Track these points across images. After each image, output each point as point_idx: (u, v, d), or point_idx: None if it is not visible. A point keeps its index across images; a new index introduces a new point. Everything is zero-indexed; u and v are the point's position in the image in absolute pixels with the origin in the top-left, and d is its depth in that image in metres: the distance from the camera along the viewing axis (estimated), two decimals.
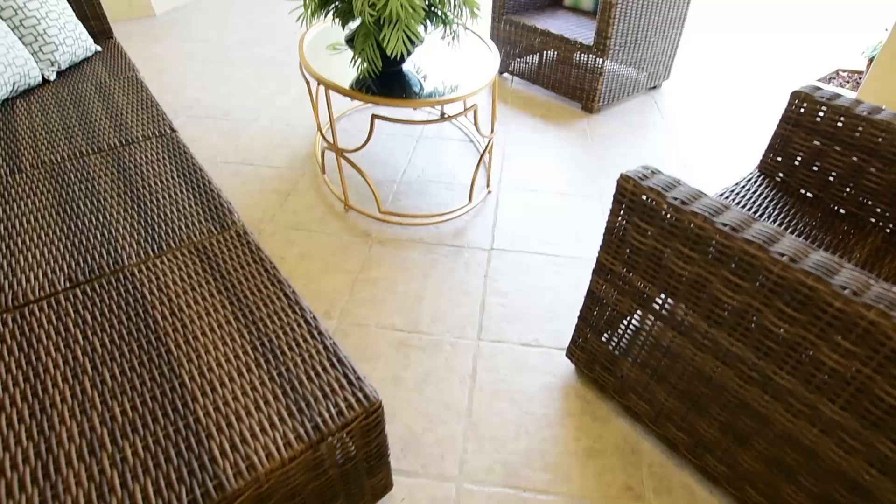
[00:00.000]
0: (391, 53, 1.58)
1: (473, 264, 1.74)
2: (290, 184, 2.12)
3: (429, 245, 1.82)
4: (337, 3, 1.70)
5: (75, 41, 2.24)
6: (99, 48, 2.38)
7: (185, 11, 4.42)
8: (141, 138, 1.69)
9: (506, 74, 3.16)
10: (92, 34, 2.51)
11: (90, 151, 1.62)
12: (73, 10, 2.45)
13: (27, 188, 1.47)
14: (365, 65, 1.69)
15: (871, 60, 3.30)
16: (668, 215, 0.96)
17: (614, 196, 1.05)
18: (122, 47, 2.46)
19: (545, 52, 2.84)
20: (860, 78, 3.66)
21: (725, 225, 0.88)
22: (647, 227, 1.01)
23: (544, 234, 1.90)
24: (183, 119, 2.65)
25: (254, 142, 2.45)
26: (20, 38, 2.08)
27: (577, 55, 2.66)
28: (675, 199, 0.95)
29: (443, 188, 2.10)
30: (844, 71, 3.93)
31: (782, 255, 0.82)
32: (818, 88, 1.43)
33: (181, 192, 1.44)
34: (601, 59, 2.57)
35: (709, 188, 2.21)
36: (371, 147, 2.34)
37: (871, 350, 0.76)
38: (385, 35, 1.54)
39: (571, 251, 1.82)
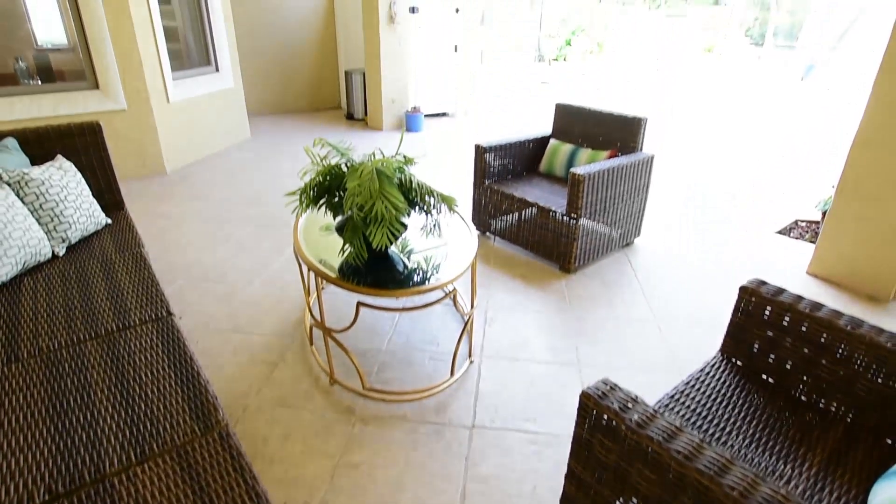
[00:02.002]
0: (376, 247, 1.74)
1: (455, 445, 1.76)
2: (279, 354, 2.19)
3: (412, 423, 1.84)
4: (328, 199, 1.90)
5: (88, 218, 2.43)
6: (109, 220, 2.57)
7: (194, 169, 4.80)
8: (138, 322, 1.78)
9: (488, 233, 3.39)
10: (104, 205, 2.70)
11: (88, 338, 1.70)
12: (90, 187, 2.66)
13: (21, 380, 1.52)
14: (353, 252, 1.85)
15: (824, 213, 3.59)
16: (627, 437, 1.02)
17: (578, 410, 1.12)
18: (130, 219, 2.66)
19: (523, 215, 3.09)
20: (818, 228, 3.95)
21: (679, 452, 0.94)
22: (610, 444, 1.07)
23: (525, 408, 1.93)
24: (181, 282, 2.78)
25: (247, 307, 2.55)
26: (37, 220, 2.26)
27: (553, 221, 2.89)
28: (632, 420, 1.02)
29: (426, 358, 2.17)
30: (803, 221, 4.25)
31: (733, 488, 0.87)
32: (763, 283, 1.58)
33: (170, 384, 1.49)
34: (574, 225, 2.79)
35: (681, 355, 2.30)
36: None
37: None
38: (371, 231, 1.71)
39: (552, 427, 1.85)
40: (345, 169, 1.85)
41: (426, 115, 6.73)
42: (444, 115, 7.30)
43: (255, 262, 3.01)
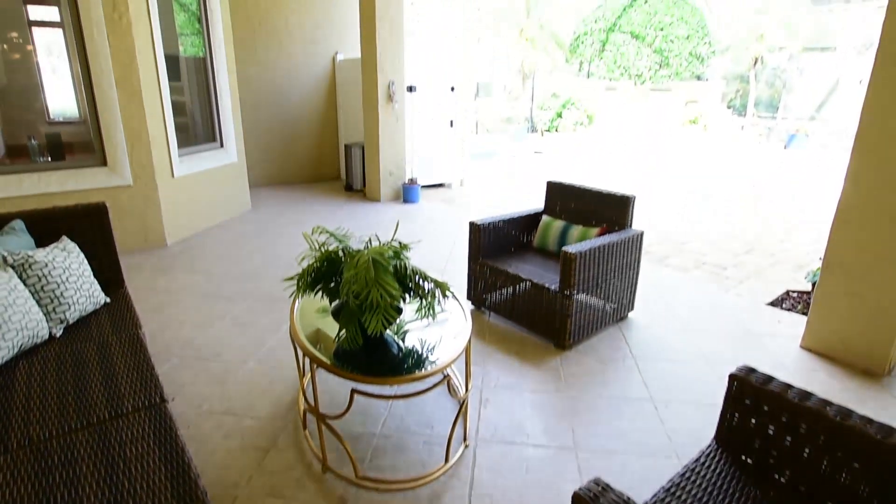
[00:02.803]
0: (371, 333, 1.77)
1: None
2: (271, 439, 2.16)
3: None
4: (325, 284, 1.94)
5: (88, 299, 2.46)
6: (108, 299, 2.60)
7: (194, 242, 4.88)
8: (131, 409, 1.77)
9: (483, 308, 3.42)
10: (104, 283, 2.71)
11: (79, 427, 1.69)
12: (92, 266, 2.68)
13: (9, 473, 1.50)
14: (348, 337, 1.87)
15: (814, 285, 3.65)
16: None
17: None
18: (129, 297, 2.69)
19: (518, 290, 3.14)
20: (809, 299, 3.99)
21: None
22: None
23: (521, 499, 1.89)
24: (175, 361, 2.78)
25: (240, 387, 2.54)
26: (38, 302, 2.29)
27: (547, 297, 2.93)
28: None
29: (421, 442, 2.15)
30: (794, 292, 4.30)
31: None
32: (752, 371, 1.60)
33: (160, 478, 1.47)
34: (568, 302, 2.83)
35: (677, 438, 2.28)
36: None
37: None
38: (366, 319, 1.74)
39: None
40: (342, 255, 1.91)
41: (423, 186, 6.94)
42: (440, 185, 7.52)
43: (250, 340, 3.01)
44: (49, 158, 4.80)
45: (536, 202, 3.77)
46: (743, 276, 4.42)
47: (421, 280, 1.90)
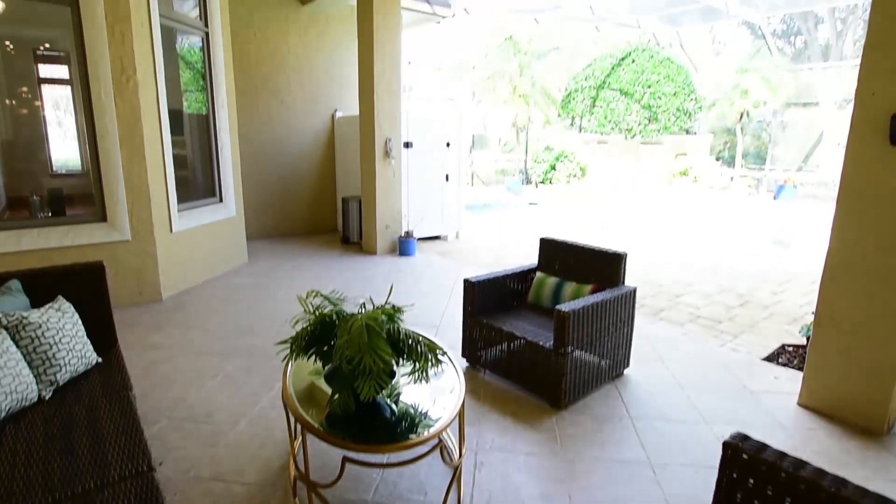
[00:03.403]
0: (363, 398, 1.76)
1: None
2: None
3: None
4: (318, 348, 1.95)
5: (80, 360, 2.45)
6: (100, 360, 2.58)
7: (189, 296, 4.88)
8: (118, 479, 1.73)
9: (478, 366, 3.40)
10: (97, 342, 2.68)
11: (64, 498, 1.65)
12: (86, 324, 2.67)
13: None
14: (340, 402, 1.86)
15: (808, 339, 3.65)
16: None
17: None
18: (121, 357, 2.67)
19: (512, 346, 3.14)
20: (804, 353, 3.98)
21: None
22: None
23: None
24: (165, 423, 2.73)
25: (230, 450, 2.49)
26: (29, 364, 2.27)
27: (541, 355, 2.93)
28: None
29: None
30: (790, 346, 4.30)
31: None
32: (746, 438, 1.59)
33: None
34: (562, 361, 2.83)
35: (674, 503, 2.23)
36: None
37: None
38: (359, 384, 1.74)
39: None
40: (335, 319, 1.92)
41: (419, 238, 7.01)
42: (437, 237, 7.61)
43: (242, 400, 2.97)
44: (50, 213, 4.88)
45: (531, 254, 3.82)
46: (737, 330, 4.42)
47: (414, 343, 1.91)
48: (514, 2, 11.09)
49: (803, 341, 4.20)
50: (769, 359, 3.93)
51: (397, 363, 1.99)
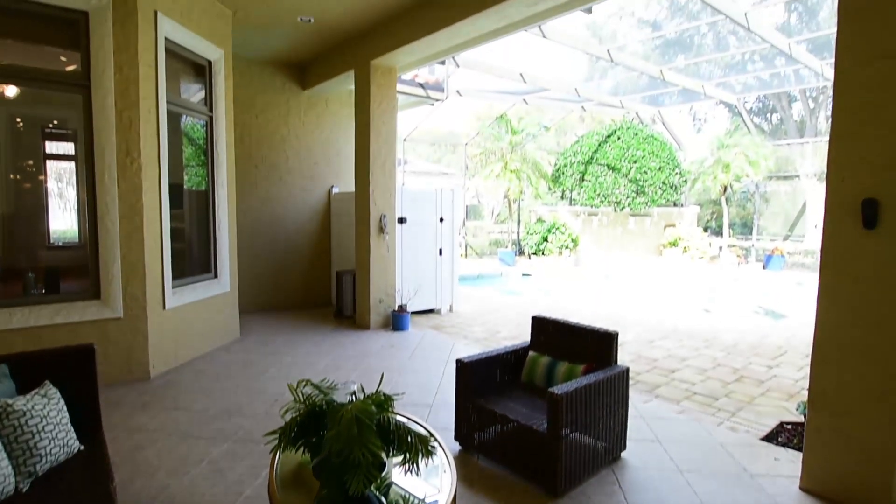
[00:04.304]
0: (352, 494, 1.72)
1: None
2: None
3: None
4: (307, 439, 1.92)
5: (62, 448, 2.38)
6: (82, 447, 2.50)
7: (178, 374, 4.80)
8: None
9: (471, 450, 3.32)
10: (81, 427, 2.59)
11: None
12: (71, 409, 2.60)
13: None
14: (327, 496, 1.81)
15: (805, 415, 3.60)
16: None
17: None
18: (105, 444, 2.60)
19: (506, 428, 3.08)
20: (803, 430, 3.91)
21: None
22: None
23: None
24: None
25: None
26: (9, 454, 2.21)
27: (535, 439, 2.87)
28: None
29: None
30: (788, 424, 4.22)
31: None
32: None
33: None
34: (557, 445, 2.77)
35: None
36: None
37: None
38: (348, 479, 1.71)
39: None
40: (325, 408, 1.91)
41: (413, 312, 7.01)
42: (430, 311, 7.61)
43: (227, 489, 2.87)
44: (43, 290, 4.88)
45: (525, 326, 3.82)
46: (734, 407, 4.36)
47: (405, 434, 1.89)
48: (504, 85, 11.75)
49: (801, 419, 4.14)
50: (768, 438, 3.86)
51: (388, 454, 1.96)
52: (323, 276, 8.23)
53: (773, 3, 8.79)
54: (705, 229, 16.39)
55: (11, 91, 4.81)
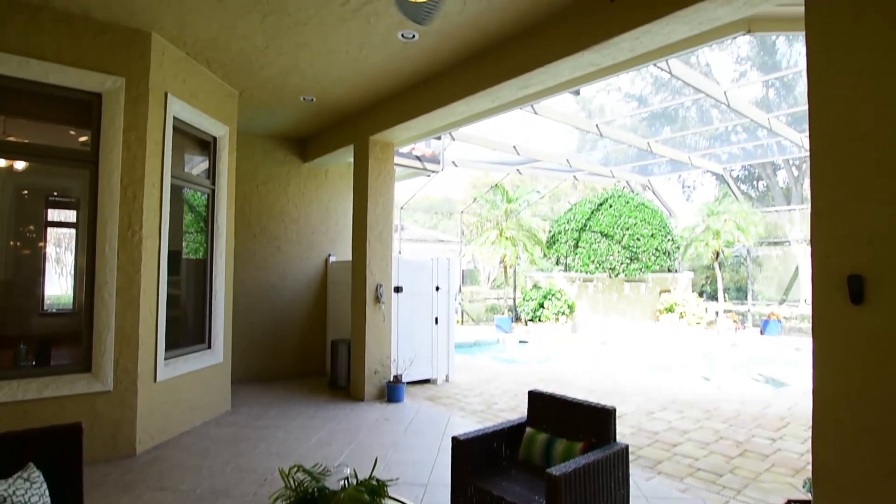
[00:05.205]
0: None
1: None
2: None
3: None
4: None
5: None
6: None
7: (165, 450, 4.66)
8: None
9: None
10: None
11: None
12: (53, 493, 2.52)
13: None
14: None
15: (812, 493, 3.48)
16: None
17: None
18: None
19: None
20: None
21: None
22: None
23: None
24: None
25: None
26: None
27: None
28: None
29: None
30: (794, 501, 4.09)
31: None
32: None
33: None
34: None
35: None
36: None
37: None
38: None
39: None
40: (317, 496, 1.87)
41: (408, 382, 6.90)
42: (426, 381, 7.49)
43: None
44: (34, 363, 4.80)
45: (522, 396, 3.76)
46: (740, 485, 4.23)
47: None
48: (498, 156, 12.17)
49: (808, 496, 4.01)
50: None
51: None
52: (318, 344, 8.16)
53: (750, 83, 9.31)
54: (700, 294, 16.44)
55: (20, 165, 4.97)
